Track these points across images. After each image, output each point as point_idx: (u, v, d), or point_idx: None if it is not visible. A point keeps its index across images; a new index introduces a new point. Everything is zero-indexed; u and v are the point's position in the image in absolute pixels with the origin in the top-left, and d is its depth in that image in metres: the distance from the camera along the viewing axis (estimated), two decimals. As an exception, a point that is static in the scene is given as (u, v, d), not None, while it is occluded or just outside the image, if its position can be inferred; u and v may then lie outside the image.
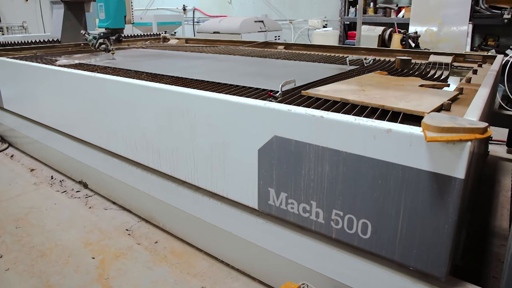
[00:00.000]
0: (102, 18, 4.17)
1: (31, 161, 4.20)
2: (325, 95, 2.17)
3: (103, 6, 4.09)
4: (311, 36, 8.70)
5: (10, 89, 3.97)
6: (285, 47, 5.09)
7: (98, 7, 4.12)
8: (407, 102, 1.98)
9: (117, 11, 4.17)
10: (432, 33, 6.31)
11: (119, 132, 2.66)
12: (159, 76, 3.01)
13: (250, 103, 1.78)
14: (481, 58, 3.73)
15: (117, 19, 4.18)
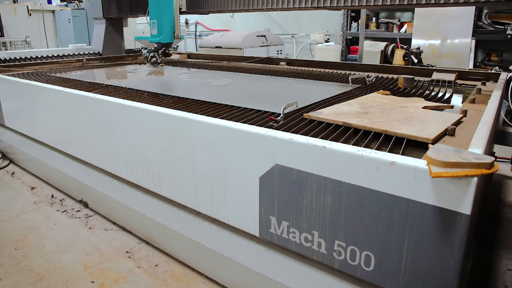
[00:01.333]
0: (154, 33, 4.69)
1: (32, 179, 4.17)
2: (327, 119, 2.14)
3: (156, 23, 4.61)
4: (313, 50, 8.69)
5: (11, 107, 3.95)
6: (287, 63, 5.08)
7: (151, 23, 4.66)
8: (411, 126, 1.95)
9: (168, 28, 4.65)
10: (435, 49, 6.30)
11: (120, 154, 2.64)
12: (161, 96, 3.00)
13: (251, 131, 1.75)
14: (484, 76, 3.71)
15: (167, 34, 4.66)
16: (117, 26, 6.31)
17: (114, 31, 6.27)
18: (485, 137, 1.56)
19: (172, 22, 4.63)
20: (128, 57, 6.23)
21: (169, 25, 4.63)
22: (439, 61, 6.23)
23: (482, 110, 2.40)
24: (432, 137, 1.77)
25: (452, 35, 6.23)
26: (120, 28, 6.38)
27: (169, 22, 4.63)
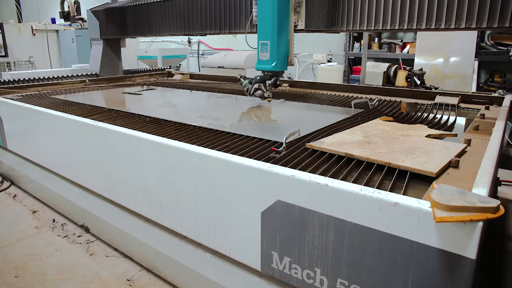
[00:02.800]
0: (264, 59, 3.59)
1: (33, 202, 4.16)
2: (329, 149, 2.13)
3: (268, 45, 3.54)
4: (316, 70, 8.71)
5: (14, 130, 3.96)
6: (290, 85, 5.09)
7: (261, 46, 3.57)
8: (414, 159, 1.94)
9: (282, 52, 3.60)
10: (438, 69, 6.30)
11: (121, 182, 2.63)
12: (162, 122, 3.00)
13: (253, 166, 1.73)
14: (488, 99, 3.70)
15: (281, 61, 3.60)
16: (114, 47, 6.26)
17: (111, 52, 6.23)
18: (489, 174, 1.54)
19: (287, 45, 3.60)
20: (131, 78, 6.25)
21: (285, 49, 3.58)
22: (442, 82, 6.23)
23: (486, 139, 2.39)
24: (436, 171, 1.75)
25: (455, 56, 6.24)
26: (117, 49, 6.33)
27: (285, 45, 3.58)
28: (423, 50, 6.54)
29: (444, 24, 2.47)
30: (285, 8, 3.46)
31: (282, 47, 3.55)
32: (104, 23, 5.86)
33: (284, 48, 3.58)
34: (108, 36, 5.91)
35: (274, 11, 3.40)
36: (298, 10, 3.48)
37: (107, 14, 5.73)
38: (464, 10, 2.71)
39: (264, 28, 3.51)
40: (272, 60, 3.52)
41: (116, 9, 5.50)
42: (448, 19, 2.73)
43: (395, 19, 3.02)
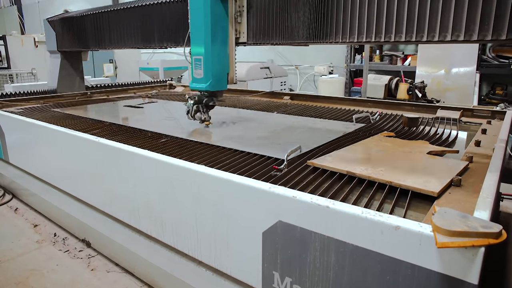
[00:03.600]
0: (199, 77, 3.15)
1: (35, 216, 4.15)
2: (331, 167, 2.13)
3: (202, 62, 3.09)
4: (317, 82, 8.73)
5: (15, 144, 3.96)
6: (291, 98, 5.10)
7: (194, 61, 3.15)
8: (415, 177, 1.93)
9: (219, 68, 3.17)
10: (439, 82, 6.31)
11: (122, 198, 2.63)
12: (164, 138, 3.00)
13: (255, 186, 1.73)
14: (489, 113, 3.70)
15: (217, 79, 3.17)
16: (74, 60, 5.71)
17: (69, 66, 5.68)
18: (491, 195, 1.53)
19: (225, 60, 3.17)
20: (132, 90, 6.28)
21: (221, 65, 3.16)
22: (444, 94, 6.24)
23: (488, 155, 2.39)
24: (438, 191, 1.75)
25: (456, 68, 6.25)
26: (77, 63, 5.79)
27: (222, 60, 3.14)
28: (424, 62, 6.55)
29: (450, 36, 2.33)
30: (222, 17, 3.04)
31: (220, 63, 3.15)
32: (60, 34, 5.29)
33: (222, 64, 3.17)
34: (65, 48, 5.32)
35: (207, 21, 2.99)
36: (239, 20, 3.04)
37: (64, 24, 5.17)
38: (463, 21, 2.67)
39: (196, 41, 3.11)
40: (206, 78, 3.11)
41: (74, 18, 4.90)
42: (455, 30, 2.64)
43: (391, 30, 2.82)
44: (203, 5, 2.94)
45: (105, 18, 4.36)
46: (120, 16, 4.16)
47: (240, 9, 3.00)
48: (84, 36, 4.78)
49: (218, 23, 3.01)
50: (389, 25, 2.29)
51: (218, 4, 2.96)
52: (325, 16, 2.55)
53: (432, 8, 2.13)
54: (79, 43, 4.93)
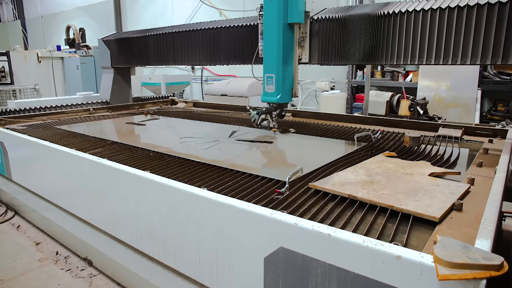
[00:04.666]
0: (270, 91, 3.75)
1: (37, 233, 4.15)
2: (333, 190, 2.14)
3: (274, 78, 3.70)
4: (319, 97, 8.75)
5: (19, 162, 3.98)
6: (293, 114, 5.11)
7: (266, 78, 3.75)
8: (417, 201, 1.94)
9: (287, 85, 3.79)
10: (441, 98, 6.32)
11: (124, 219, 2.63)
12: (166, 158, 3.01)
13: (256, 212, 1.74)
14: (491, 131, 3.70)
15: (285, 93, 3.78)
16: (124, 75, 6.39)
17: (122, 80, 6.36)
18: (493, 223, 1.54)
19: (291, 77, 3.79)
20: (134, 106, 6.30)
21: (289, 81, 3.77)
22: (445, 111, 6.24)
23: (490, 177, 2.39)
24: (439, 216, 1.75)
25: (458, 85, 6.26)
26: (127, 77, 6.46)
27: (289, 77, 3.76)
28: (426, 78, 6.57)
29: (450, 61, 2.88)
30: (290, 42, 3.65)
31: (287, 80, 3.74)
32: (115, 52, 5.99)
33: (289, 80, 3.77)
34: (119, 65, 6.04)
35: (279, 46, 3.58)
36: (302, 44, 3.74)
37: (119, 44, 5.88)
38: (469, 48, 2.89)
39: (269, 62, 3.68)
40: (277, 92, 3.70)
41: (127, 39, 5.65)
42: (455, 56, 2.98)
43: (400, 55, 3.22)
44: (277, 32, 3.57)
45: (169, 38, 5.07)
46: (187, 37, 4.88)
47: (303, 35, 3.72)
48: (136, 54, 5.59)
49: (287, 47, 3.65)
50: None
51: (287, 31, 3.60)
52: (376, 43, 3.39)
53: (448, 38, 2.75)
54: (131, 61, 5.75)
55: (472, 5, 2.82)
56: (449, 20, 2.95)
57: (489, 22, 2.79)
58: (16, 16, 21.88)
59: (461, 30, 2.92)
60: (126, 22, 15.67)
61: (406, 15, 3.15)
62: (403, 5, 3.21)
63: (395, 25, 3.24)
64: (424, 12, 3.06)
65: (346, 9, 3.65)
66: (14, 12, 22.00)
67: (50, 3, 20.03)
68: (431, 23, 3.04)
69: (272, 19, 3.59)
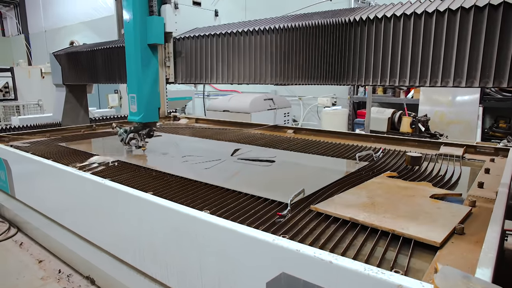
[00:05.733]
0: (134, 111, 3.82)
1: (40, 250, 4.15)
2: (334, 213, 2.15)
3: (135, 98, 3.76)
4: (320, 113, 8.79)
5: (22, 180, 4.00)
6: (294, 132, 5.14)
7: (130, 98, 3.81)
8: (418, 225, 1.95)
9: (150, 104, 3.81)
10: (443, 115, 6.34)
11: (127, 240, 2.64)
12: (168, 177, 3.03)
13: (259, 237, 1.75)
14: (493, 150, 3.72)
15: (150, 112, 3.82)
16: (79, 93, 5.90)
17: (74, 99, 5.85)
18: (494, 250, 1.55)
19: (156, 96, 3.81)
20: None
21: (153, 100, 3.80)
22: (447, 127, 6.26)
23: (491, 199, 2.40)
24: (440, 241, 1.77)
25: (460, 102, 6.29)
26: (82, 96, 5.96)
27: (153, 96, 3.79)
28: (427, 95, 6.59)
29: (452, 82, 2.47)
30: (152, 62, 3.71)
31: (152, 99, 3.79)
32: (66, 68, 5.50)
33: (154, 100, 3.81)
34: (70, 82, 5.53)
35: (137, 66, 3.65)
36: (167, 64, 3.75)
37: (69, 59, 5.40)
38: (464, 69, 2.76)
39: (131, 82, 3.76)
40: (139, 112, 3.77)
41: (81, 53, 5.12)
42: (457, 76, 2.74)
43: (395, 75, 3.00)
44: (134, 53, 3.62)
45: (115, 53, 4.55)
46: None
47: (168, 55, 3.72)
48: (88, 70, 4.98)
49: (149, 67, 3.69)
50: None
51: (147, 52, 3.65)
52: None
53: (435, 55, 2.22)
54: (83, 77, 5.13)
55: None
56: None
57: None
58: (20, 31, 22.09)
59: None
60: (129, 37, 15.75)
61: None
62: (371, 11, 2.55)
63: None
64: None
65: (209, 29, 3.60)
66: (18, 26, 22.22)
67: (54, 18, 20.21)
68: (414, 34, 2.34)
69: (130, 40, 3.65)
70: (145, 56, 3.64)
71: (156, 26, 3.59)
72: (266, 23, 3.03)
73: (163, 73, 3.80)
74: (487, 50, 2.05)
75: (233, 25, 3.38)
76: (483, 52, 2.07)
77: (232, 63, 3.23)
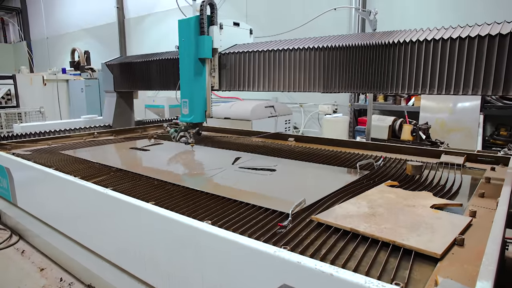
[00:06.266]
0: (186, 113, 4.58)
1: (41, 259, 4.16)
2: (335, 223, 2.16)
3: (188, 102, 4.54)
4: (321, 120, 8.80)
5: (24, 188, 4.01)
6: (296, 140, 5.15)
7: (182, 102, 4.58)
8: (419, 236, 1.96)
9: (199, 107, 4.54)
10: (443, 123, 6.35)
11: (129, 250, 2.65)
12: (170, 187, 3.04)
13: (260, 249, 1.76)
14: (493, 158, 3.73)
15: (199, 114, 4.56)
16: (127, 99, 6.44)
17: (124, 104, 6.41)
18: (494, 262, 1.55)
19: (204, 101, 4.56)
20: (138, 130, 6.35)
21: (201, 104, 4.56)
22: (448, 135, 6.27)
23: (492, 209, 2.41)
24: (441, 252, 1.78)
25: (460, 109, 6.30)
26: (130, 101, 6.51)
27: (201, 101, 4.55)
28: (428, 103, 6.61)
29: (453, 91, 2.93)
30: (201, 73, 4.44)
31: (200, 104, 4.55)
32: (117, 77, 6.05)
33: (202, 104, 4.56)
34: (122, 89, 6.09)
35: (190, 76, 4.43)
36: (213, 74, 4.47)
37: (122, 68, 5.92)
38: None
39: (184, 89, 4.56)
40: (190, 114, 4.56)
41: (135, 63, 5.67)
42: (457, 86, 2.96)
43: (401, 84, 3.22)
44: (188, 65, 4.41)
45: (171, 63, 5.16)
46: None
47: (214, 67, 4.44)
48: (138, 79, 5.66)
49: (199, 77, 4.44)
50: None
51: (198, 64, 4.40)
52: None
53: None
54: (134, 85, 5.81)
55: (473, 36, 2.84)
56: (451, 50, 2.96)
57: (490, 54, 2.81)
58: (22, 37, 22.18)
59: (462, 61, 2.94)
60: (131, 44, 15.86)
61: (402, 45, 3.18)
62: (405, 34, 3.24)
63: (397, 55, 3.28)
64: (416, 43, 3.07)
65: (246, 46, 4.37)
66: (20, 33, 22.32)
67: (56, 25, 20.30)
68: (425, 53, 3.06)
69: (184, 55, 4.45)
70: (197, 68, 4.39)
71: (206, 43, 4.31)
72: (300, 43, 3.83)
73: (210, 82, 4.49)
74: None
75: (267, 43, 4.17)
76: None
77: (267, 74, 4.00)
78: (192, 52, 4.34)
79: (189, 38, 4.35)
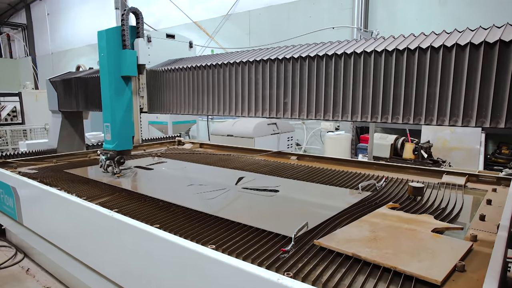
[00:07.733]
0: (108, 139, 4.05)
1: (46, 277, 4.18)
2: (337, 248, 2.19)
3: (109, 127, 4.00)
4: (324, 137, 8.83)
5: (29, 208, 4.04)
6: (298, 158, 5.19)
7: (104, 127, 4.04)
8: (419, 262, 1.99)
9: (124, 132, 4.04)
10: (445, 141, 6.38)
11: (134, 273, 2.67)
12: (173, 208, 3.07)
13: (264, 276, 1.79)
14: (495, 179, 3.76)
15: (123, 140, 4.07)
16: (74, 120, 5.80)
17: (70, 126, 5.78)
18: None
19: (130, 125, 4.03)
20: (142, 147, 6.40)
21: (127, 128, 4.03)
22: (449, 154, 6.30)
23: (492, 232, 2.44)
24: (441, 279, 1.80)
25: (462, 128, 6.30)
26: (78, 122, 5.88)
27: (126, 125, 4.01)
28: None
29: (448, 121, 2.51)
30: (125, 93, 3.95)
31: (125, 128, 4.03)
32: (61, 95, 5.43)
33: (128, 129, 4.05)
34: (67, 109, 5.41)
35: (112, 97, 3.91)
36: (141, 94, 3.96)
37: (65, 85, 5.31)
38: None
39: (105, 112, 4.01)
40: (113, 140, 4.01)
41: (74, 80, 5.07)
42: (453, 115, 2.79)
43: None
44: (108, 85, 3.89)
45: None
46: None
47: (142, 86, 3.94)
48: (83, 98, 4.97)
49: (122, 97, 3.93)
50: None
51: (120, 83, 3.90)
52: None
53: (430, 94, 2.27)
54: (79, 105, 5.08)
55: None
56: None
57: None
58: (27, 53, 22.37)
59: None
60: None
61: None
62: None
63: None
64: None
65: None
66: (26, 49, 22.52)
67: (61, 40, 20.49)
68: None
69: (104, 72, 3.90)
70: (118, 87, 3.90)
71: (128, 59, 3.83)
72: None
73: (137, 102, 4.00)
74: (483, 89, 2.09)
75: (206, 57, 3.57)
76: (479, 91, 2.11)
77: (209, 93, 3.29)
78: (113, 69, 3.85)
79: (110, 53, 3.83)
